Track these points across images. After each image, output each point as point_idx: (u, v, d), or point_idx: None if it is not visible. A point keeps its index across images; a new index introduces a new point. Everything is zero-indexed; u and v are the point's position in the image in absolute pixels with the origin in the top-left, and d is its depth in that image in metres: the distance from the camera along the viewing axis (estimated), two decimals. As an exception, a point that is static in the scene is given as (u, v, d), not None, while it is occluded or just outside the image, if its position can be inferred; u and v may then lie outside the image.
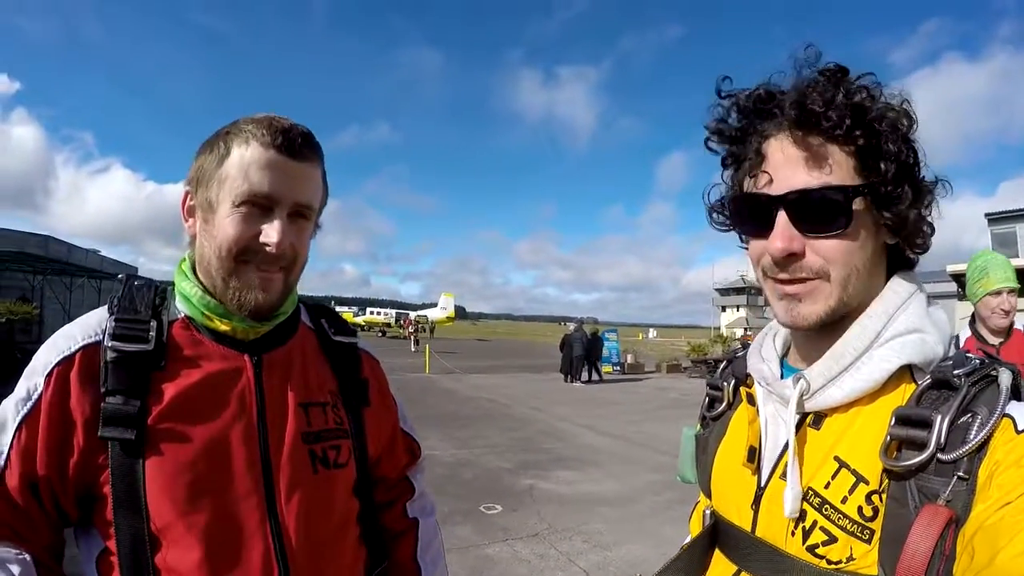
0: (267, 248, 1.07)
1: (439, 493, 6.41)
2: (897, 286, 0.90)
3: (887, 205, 0.84)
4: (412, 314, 56.67)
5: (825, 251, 0.85)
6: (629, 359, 25.25)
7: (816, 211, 0.84)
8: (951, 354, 0.85)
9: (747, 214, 0.92)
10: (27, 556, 1.00)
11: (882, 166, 0.83)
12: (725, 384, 1.11)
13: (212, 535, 1.02)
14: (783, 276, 0.88)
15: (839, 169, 0.84)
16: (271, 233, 1.06)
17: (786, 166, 0.86)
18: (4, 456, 1.00)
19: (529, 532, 5.66)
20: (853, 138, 0.83)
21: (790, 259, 0.86)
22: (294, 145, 1.07)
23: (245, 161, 1.05)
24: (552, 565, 4.92)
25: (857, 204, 0.84)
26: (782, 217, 0.86)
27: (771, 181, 0.87)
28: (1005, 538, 0.64)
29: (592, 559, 5.06)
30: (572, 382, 19.79)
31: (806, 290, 0.87)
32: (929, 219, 0.89)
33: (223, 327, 1.12)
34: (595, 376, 20.89)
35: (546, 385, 19.05)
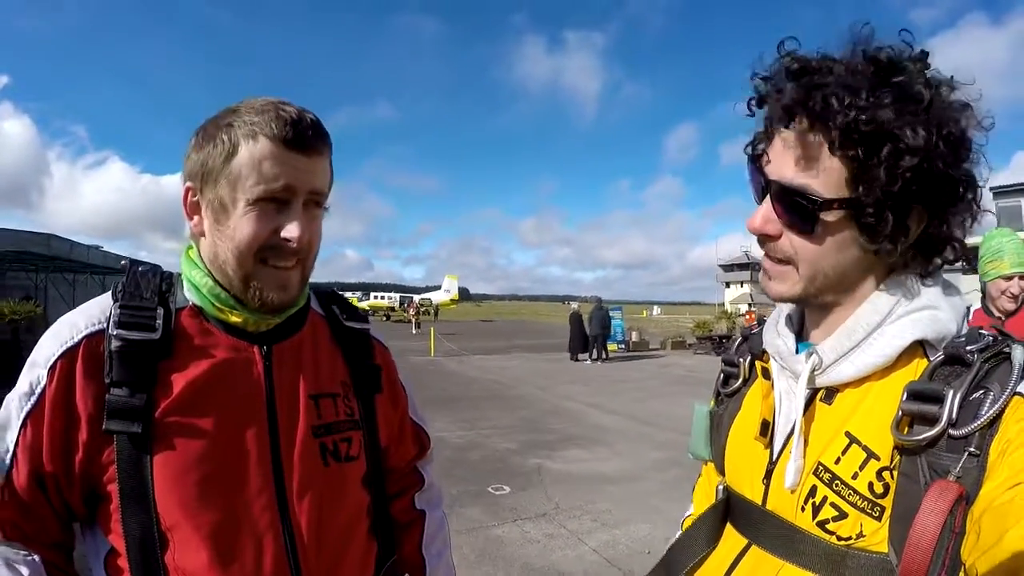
0: (289, 244, 1.04)
1: (447, 475, 6.47)
2: (889, 290, 0.87)
3: (862, 228, 0.82)
4: (416, 297, 56.86)
5: (795, 244, 0.87)
6: (634, 337, 25.25)
7: (791, 207, 0.85)
8: (964, 330, 0.84)
9: (752, 179, 0.93)
10: (35, 557, 1.00)
11: (861, 188, 0.79)
12: (741, 360, 1.11)
13: (222, 533, 1.00)
14: (763, 249, 0.92)
15: (825, 175, 0.82)
16: (291, 229, 1.03)
17: (782, 155, 0.86)
18: (10, 454, 0.98)
19: (537, 512, 5.69)
20: (844, 150, 0.79)
21: (766, 237, 0.90)
22: (305, 138, 1.02)
23: (255, 158, 1.00)
24: (561, 544, 4.95)
25: (830, 215, 0.82)
26: (768, 200, 0.88)
27: (769, 162, 0.88)
28: (1013, 519, 0.64)
29: (601, 538, 5.09)
30: (596, 360, 19.86)
31: (776, 270, 0.91)
32: (934, 253, 0.86)
33: (234, 319, 1.09)
34: (602, 355, 20.84)
35: (551, 365, 19.10)
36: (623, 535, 5.14)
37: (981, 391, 0.74)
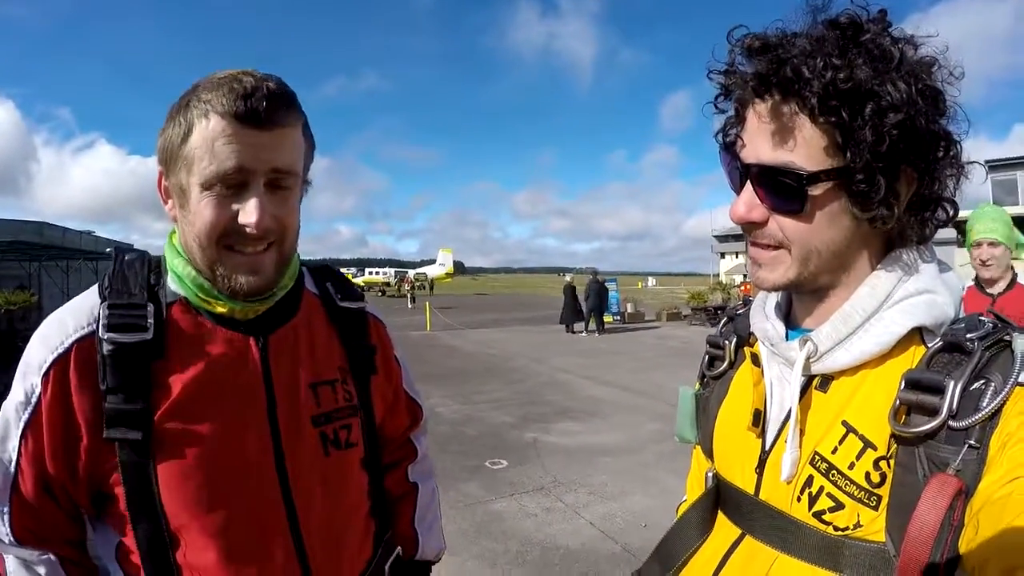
0: (247, 229, 0.97)
1: (444, 451, 6.50)
2: (886, 268, 0.85)
3: (854, 196, 0.79)
4: (411, 272, 56.92)
5: (784, 227, 0.83)
6: (629, 308, 25.27)
7: (775, 188, 0.81)
8: (962, 316, 0.82)
9: (727, 168, 0.90)
10: (51, 556, 1.01)
11: (848, 154, 0.76)
12: (726, 342, 1.08)
13: (229, 532, 1.00)
14: (750, 238, 0.88)
15: (806, 147, 0.79)
16: (249, 213, 0.96)
17: (757, 135, 0.83)
18: (14, 463, 0.97)
19: (535, 486, 5.74)
20: (826, 116, 0.76)
21: (752, 225, 0.86)
22: (259, 113, 0.94)
23: (207, 138, 0.94)
24: (559, 518, 5.00)
25: (818, 189, 0.79)
26: (748, 185, 0.84)
27: (744, 146, 0.85)
28: (1010, 513, 0.63)
29: (598, 511, 5.15)
30: (592, 332, 19.83)
31: (767, 257, 0.87)
32: (927, 214, 0.83)
33: (220, 309, 1.05)
34: (600, 327, 20.83)
35: (547, 337, 19.14)
36: (620, 508, 5.20)
37: (981, 381, 0.72)
